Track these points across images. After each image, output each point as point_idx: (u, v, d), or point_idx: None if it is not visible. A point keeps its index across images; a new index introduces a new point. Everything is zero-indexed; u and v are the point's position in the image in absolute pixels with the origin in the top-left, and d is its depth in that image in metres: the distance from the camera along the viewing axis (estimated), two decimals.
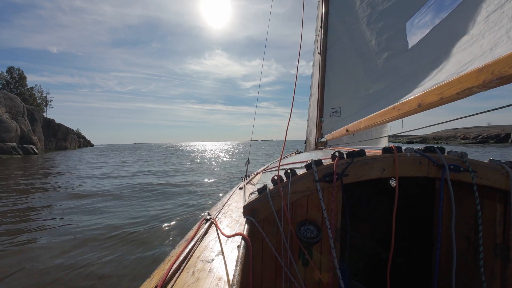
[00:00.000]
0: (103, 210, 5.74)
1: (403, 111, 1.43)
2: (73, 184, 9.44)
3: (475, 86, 0.93)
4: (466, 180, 1.15)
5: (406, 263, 1.78)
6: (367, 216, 2.26)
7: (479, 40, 1.11)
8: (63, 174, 12.68)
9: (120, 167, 15.89)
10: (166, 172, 12.70)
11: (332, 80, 3.27)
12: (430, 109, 1.25)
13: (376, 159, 1.18)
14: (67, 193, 7.75)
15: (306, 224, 1.17)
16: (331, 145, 3.51)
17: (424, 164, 1.18)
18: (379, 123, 1.75)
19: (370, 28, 2.46)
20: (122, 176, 11.58)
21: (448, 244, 1.22)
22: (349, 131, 2.33)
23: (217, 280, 0.86)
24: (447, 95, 1.08)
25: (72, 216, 5.30)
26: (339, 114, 3.12)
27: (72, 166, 17.01)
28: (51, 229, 4.51)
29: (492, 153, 22.03)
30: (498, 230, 1.14)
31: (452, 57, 1.28)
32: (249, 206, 1.19)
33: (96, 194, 7.51)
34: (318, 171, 1.17)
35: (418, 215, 1.79)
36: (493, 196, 1.15)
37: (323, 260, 1.20)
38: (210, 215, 1.59)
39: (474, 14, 1.20)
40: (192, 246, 1.16)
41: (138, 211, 5.55)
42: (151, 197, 6.97)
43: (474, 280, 1.18)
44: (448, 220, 1.22)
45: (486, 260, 1.15)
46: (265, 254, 1.19)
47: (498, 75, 0.83)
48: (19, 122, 36.74)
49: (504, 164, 1.16)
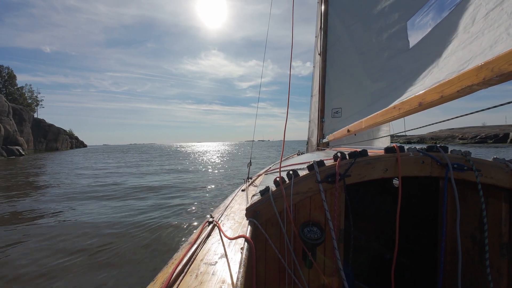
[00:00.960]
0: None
1: (404, 110, 1.42)
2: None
3: (475, 84, 0.93)
4: (470, 179, 1.14)
5: (411, 263, 1.77)
6: (370, 217, 2.24)
7: (478, 37, 1.11)
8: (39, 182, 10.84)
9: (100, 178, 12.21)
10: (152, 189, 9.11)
11: (332, 81, 3.27)
12: (431, 107, 1.25)
13: (378, 159, 1.17)
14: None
15: (309, 226, 1.17)
16: (333, 145, 3.50)
17: (427, 163, 1.17)
18: (380, 122, 1.74)
19: (370, 27, 2.46)
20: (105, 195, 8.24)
21: (453, 244, 1.21)
22: (350, 131, 2.32)
23: (220, 283, 0.86)
24: (447, 93, 1.08)
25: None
26: (340, 115, 3.12)
27: (57, 171, 15.10)
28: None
29: (495, 153, 21.93)
30: (504, 229, 1.12)
31: (453, 56, 1.27)
32: (251, 208, 1.20)
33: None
34: (321, 172, 1.17)
35: (422, 215, 1.78)
36: (498, 195, 1.14)
37: (327, 261, 1.20)
38: (213, 218, 1.59)
39: (473, 12, 1.20)
40: (195, 249, 1.16)
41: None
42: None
43: (480, 280, 1.16)
44: (453, 220, 1.20)
45: (492, 259, 1.14)
46: (268, 256, 1.19)
47: (498, 72, 0.83)
48: (3, 122, 35.52)
49: (508, 162, 1.15)
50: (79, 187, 9.44)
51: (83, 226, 4.91)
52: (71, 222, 5.25)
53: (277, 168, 2.44)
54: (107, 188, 9.09)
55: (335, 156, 1.22)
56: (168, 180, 10.72)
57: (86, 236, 4.37)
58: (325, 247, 1.19)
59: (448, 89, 1.07)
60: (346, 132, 2.40)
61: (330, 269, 1.19)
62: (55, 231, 4.67)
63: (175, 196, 7.53)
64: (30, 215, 5.79)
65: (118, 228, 4.75)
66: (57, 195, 7.95)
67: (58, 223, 5.20)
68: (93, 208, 6.29)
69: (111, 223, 5.01)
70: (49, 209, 6.31)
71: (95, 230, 4.63)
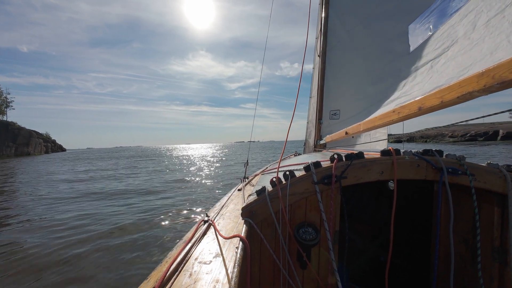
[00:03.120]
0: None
1: (403, 115, 1.43)
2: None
3: (476, 91, 0.93)
4: (464, 183, 1.16)
5: (405, 266, 1.78)
6: (366, 219, 2.25)
7: (479, 44, 1.11)
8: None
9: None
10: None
11: (332, 83, 3.28)
12: (430, 112, 1.25)
13: (374, 161, 1.18)
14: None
15: (304, 226, 1.17)
16: (330, 147, 3.51)
17: (422, 167, 1.18)
18: (379, 126, 1.75)
19: (371, 30, 2.47)
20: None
21: (447, 247, 1.22)
22: (348, 133, 2.33)
23: (214, 282, 0.85)
24: (447, 99, 1.09)
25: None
26: (338, 117, 3.12)
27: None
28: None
29: (496, 152, 20.31)
30: (496, 233, 1.14)
31: (453, 61, 1.28)
32: (247, 208, 1.19)
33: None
34: (317, 173, 1.17)
35: (417, 218, 1.79)
36: (491, 199, 1.16)
37: (321, 262, 1.20)
38: (208, 217, 1.58)
39: (474, 19, 1.21)
40: (190, 248, 1.15)
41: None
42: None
43: (473, 283, 1.17)
44: (447, 223, 1.22)
45: (484, 263, 1.15)
46: (263, 256, 1.19)
47: (499, 79, 0.83)
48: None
49: (501, 168, 1.17)
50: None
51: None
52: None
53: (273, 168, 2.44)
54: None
55: (332, 158, 1.22)
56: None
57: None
58: (320, 248, 1.19)
59: (448, 94, 1.08)
60: (344, 134, 2.41)
61: (324, 270, 1.19)
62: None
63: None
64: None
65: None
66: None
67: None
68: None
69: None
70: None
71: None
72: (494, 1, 1.08)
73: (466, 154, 1.23)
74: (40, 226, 5.36)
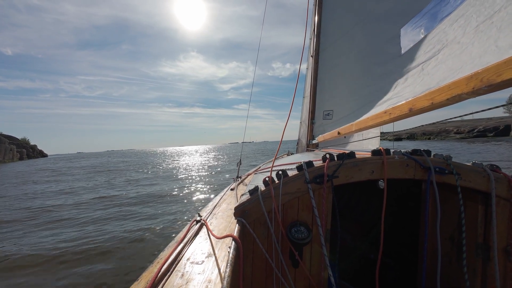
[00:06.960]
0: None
1: (394, 115, 1.46)
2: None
3: (465, 93, 0.96)
4: (451, 182, 1.19)
5: (395, 264, 1.81)
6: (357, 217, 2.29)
7: (468, 48, 1.15)
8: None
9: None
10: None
11: (325, 83, 3.30)
12: (421, 114, 1.28)
13: (365, 161, 1.20)
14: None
15: (296, 226, 1.17)
16: (322, 146, 3.54)
17: (411, 166, 1.21)
18: (371, 126, 1.78)
19: (364, 32, 2.50)
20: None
21: (434, 244, 1.25)
22: (340, 133, 2.35)
23: (207, 282, 0.85)
24: (437, 100, 1.11)
25: None
26: (331, 117, 3.15)
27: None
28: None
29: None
30: (480, 230, 1.18)
31: (443, 64, 1.31)
32: (240, 207, 1.18)
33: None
34: (309, 172, 1.18)
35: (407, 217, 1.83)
36: (475, 197, 1.20)
37: (313, 261, 1.20)
38: (201, 217, 1.56)
39: (464, 24, 1.24)
40: (182, 248, 1.13)
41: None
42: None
43: (458, 279, 1.21)
44: (434, 221, 1.25)
45: (468, 259, 1.19)
46: (255, 255, 1.18)
47: (487, 82, 0.86)
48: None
49: (485, 167, 1.21)
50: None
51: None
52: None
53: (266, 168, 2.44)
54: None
55: (324, 158, 1.24)
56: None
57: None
58: (311, 247, 1.19)
59: (438, 96, 1.10)
60: (336, 134, 2.43)
61: (316, 269, 1.20)
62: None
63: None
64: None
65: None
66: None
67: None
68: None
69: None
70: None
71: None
72: (483, 7, 1.11)
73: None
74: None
